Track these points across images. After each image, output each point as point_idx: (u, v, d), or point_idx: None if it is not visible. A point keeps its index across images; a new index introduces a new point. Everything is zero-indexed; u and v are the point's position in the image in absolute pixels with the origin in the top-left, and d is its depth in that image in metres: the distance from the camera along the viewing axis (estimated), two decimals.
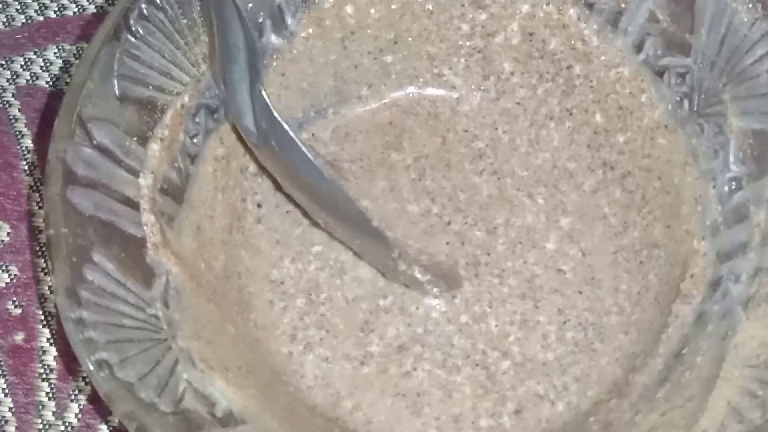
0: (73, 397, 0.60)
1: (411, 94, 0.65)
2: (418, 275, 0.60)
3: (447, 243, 0.62)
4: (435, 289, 0.61)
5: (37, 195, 0.64)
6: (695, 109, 0.59)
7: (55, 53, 0.68)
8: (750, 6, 0.56)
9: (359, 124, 0.65)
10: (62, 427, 0.60)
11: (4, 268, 0.63)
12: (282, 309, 0.60)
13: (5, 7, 0.69)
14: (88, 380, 0.60)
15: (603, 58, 0.62)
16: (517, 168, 0.64)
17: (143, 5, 0.55)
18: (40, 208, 0.64)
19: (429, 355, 0.59)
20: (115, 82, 0.54)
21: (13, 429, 0.59)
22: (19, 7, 0.69)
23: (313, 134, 0.64)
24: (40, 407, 0.60)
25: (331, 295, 0.61)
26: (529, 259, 0.62)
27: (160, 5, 0.55)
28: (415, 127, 0.65)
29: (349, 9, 0.62)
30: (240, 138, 0.59)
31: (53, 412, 0.60)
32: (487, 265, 0.62)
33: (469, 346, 0.60)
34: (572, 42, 0.62)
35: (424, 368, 0.59)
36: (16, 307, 0.62)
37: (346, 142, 0.64)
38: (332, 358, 0.59)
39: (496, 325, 0.60)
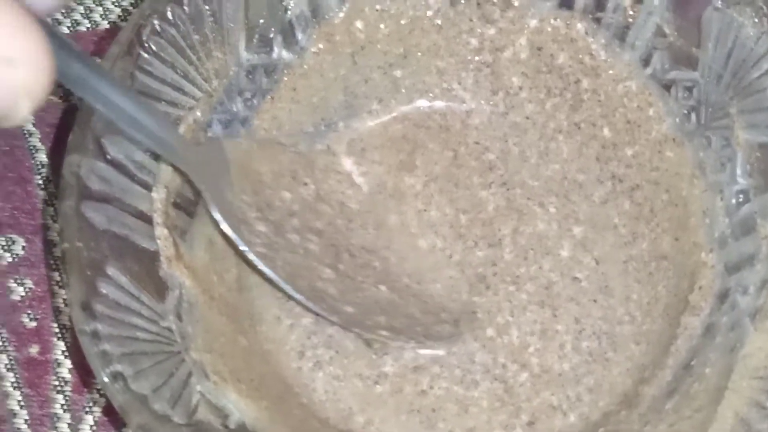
0: (87, 409, 0.61)
1: (421, 108, 0.65)
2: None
3: (450, 277, 0.62)
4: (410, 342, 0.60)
5: (52, 209, 0.65)
6: (702, 122, 0.59)
7: None
8: (756, 20, 0.56)
9: (373, 137, 0.65)
10: None
11: (19, 281, 0.63)
12: (289, 326, 0.60)
13: None
14: (102, 392, 0.60)
15: (611, 72, 0.62)
16: (528, 178, 0.64)
17: (156, 21, 0.55)
18: (54, 221, 0.64)
19: (448, 373, 0.60)
20: None
21: None
22: None
23: (328, 146, 0.64)
24: (55, 419, 0.60)
25: None
26: (544, 266, 0.62)
27: (173, 21, 0.56)
28: (428, 141, 0.65)
29: (359, 24, 0.62)
30: None
31: (68, 425, 0.60)
32: (495, 275, 0.62)
33: (490, 361, 0.60)
34: (580, 56, 0.62)
35: (441, 386, 0.59)
36: (31, 320, 0.62)
37: (363, 159, 0.64)
38: (343, 376, 0.59)
39: (517, 336, 0.60)
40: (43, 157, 0.66)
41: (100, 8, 0.69)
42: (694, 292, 0.59)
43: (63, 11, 0.69)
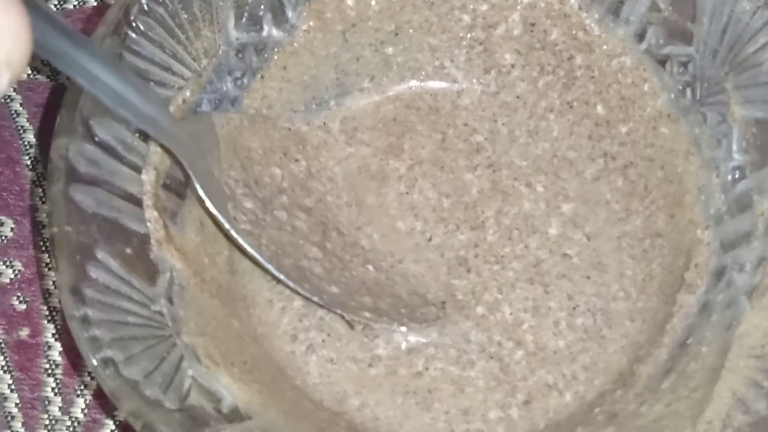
0: (78, 392, 0.60)
1: (413, 88, 0.65)
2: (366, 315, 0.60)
3: (428, 260, 0.62)
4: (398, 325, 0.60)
5: (40, 190, 0.64)
6: (698, 98, 0.59)
7: None
8: None
9: (365, 117, 0.64)
10: (68, 422, 0.60)
11: (8, 263, 0.63)
12: (281, 309, 0.60)
13: None
14: (93, 375, 0.60)
15: (605, 47, 0.62)
16: (516, 159, 0.64)
17: (144, 0, 0.55)
18: (43, 203, 0.64)
19: (443, 354, 0.59)
20: None
21: (19, 425, 0.60)
22: None
23: (324, 123, 0.64)
24: (46, 402, 0.60)
25: None
26: (530, 244, 0.62)
27: (161, 0, 0.55)
28: (417, 123, 0.64)
29: (349, 1, 0.62)
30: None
31: (59, 408, 0.60)
32: (477, 257, 0.62)
33: (485, 340, 0.60)
34: (573, 32, 0.62)
35: (436, 367, 0.59)
36: (20, 302, 0.62)
37: (353, 140, 0.64)
38: (337, 359, 0.59)
39: (510, 313, 0.60)
40: (31, 137, 0.66)
41: None
42: (690, 269, 0.58)
43: None
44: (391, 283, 0.60)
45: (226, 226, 0.57)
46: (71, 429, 0.60)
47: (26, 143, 0.65)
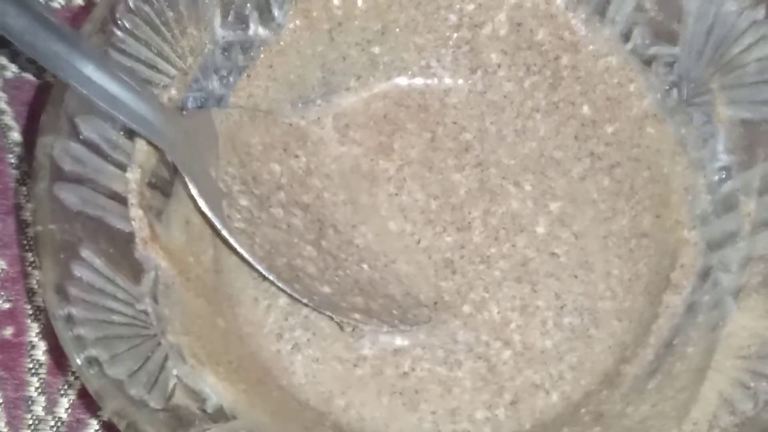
0: (63, 391, 0.60)
1: (400, 86, 0.65)
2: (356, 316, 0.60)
3: (417, 262, 0.62)
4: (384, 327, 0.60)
5: (25, 188, 0.64)
6: (684, 98, 0.59)
7: None
8: None
9: (356, 115, 0.64)
10: (52, 422, 0.60)
11: None
12: (266, 307, 0.60)
13: None
14: (77, 375, 0.60)
15: (591, 47, 0.62)
16: (504, 157, 0.64)
17: None
18: (27, 201, 0.64)
19: (430, 354, 0.59)
20: None
21: (2, 424, 0.59)
22: None
23: (318, 118, 0.64)
24: (30, 402, 0.60)
25: None
26: (518, 243, 0.62)
27: None
28: (407, 121, 0.64)
29: (336, 0, 0.62)
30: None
31: (43, 407, 0.60)
32: (462, 258, 0.62)
33: (473, 339, 0.60)
34: (560, 32, 0.62)
35: (423, 368, 0.59)
36: (4, 301, 0.62)
37: (345, 138, 0.64)
38: (322, 359, 0.59)
39: (498, 312, 0.60)
40: (15, 135, 0.65)
41: None
42: (676, 270, 0.58)
43: None
44: (385, 283, 0.60)
45: (218, 226, 0.56)
46: (55, 429, 0.59)
47: (11, 141, 0.65)
